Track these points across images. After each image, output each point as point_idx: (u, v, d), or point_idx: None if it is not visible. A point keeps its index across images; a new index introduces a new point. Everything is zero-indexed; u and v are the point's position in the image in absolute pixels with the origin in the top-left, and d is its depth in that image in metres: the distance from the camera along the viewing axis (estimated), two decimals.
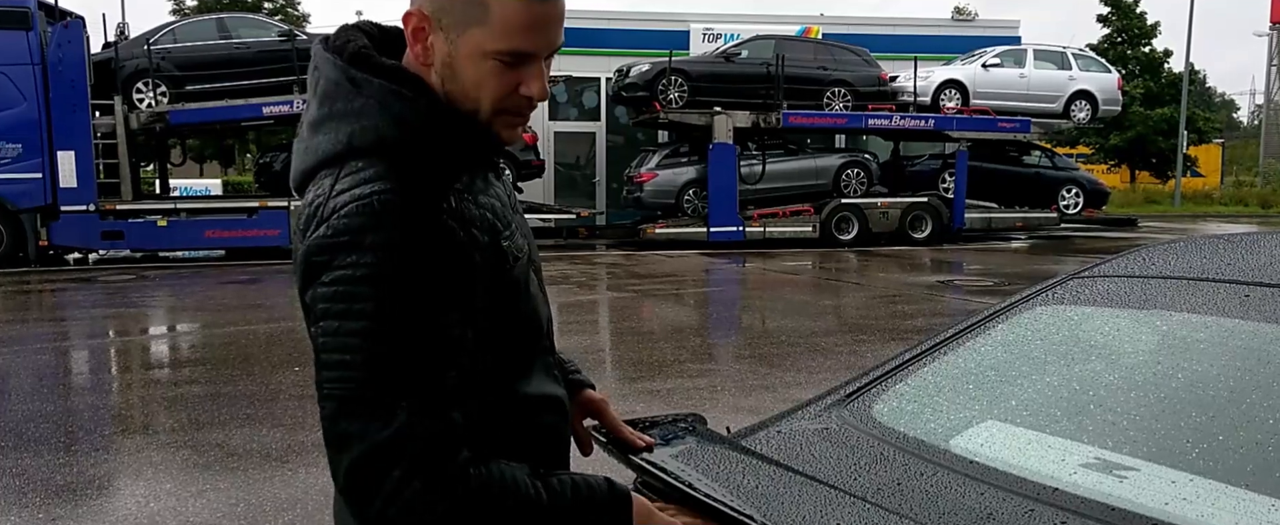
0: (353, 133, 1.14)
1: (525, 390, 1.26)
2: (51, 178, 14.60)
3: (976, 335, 2.00)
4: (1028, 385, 1.81)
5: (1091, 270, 2.11)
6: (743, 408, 5.73)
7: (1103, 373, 1.73)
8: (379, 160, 1.11)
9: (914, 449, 1.61)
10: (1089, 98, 19.19)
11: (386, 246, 1.06)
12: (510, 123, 1.20)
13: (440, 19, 1.14)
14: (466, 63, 1.14)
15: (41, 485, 4.43)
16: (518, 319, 1.24)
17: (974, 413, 1.77)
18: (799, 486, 1.45)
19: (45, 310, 10.99)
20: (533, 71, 1.16)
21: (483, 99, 1.16)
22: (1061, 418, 1.65)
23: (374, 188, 1.08)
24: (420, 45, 1.16)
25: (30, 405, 5.96)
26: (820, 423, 1.84)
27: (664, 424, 1.72)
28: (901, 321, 9.02)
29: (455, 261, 1.11)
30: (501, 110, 1.18)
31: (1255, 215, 31.39)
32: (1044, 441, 1.59)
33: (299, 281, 1.13)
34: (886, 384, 1.94)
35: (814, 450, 1.66)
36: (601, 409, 1.50)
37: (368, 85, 1.15)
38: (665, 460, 1.48)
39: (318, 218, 1.10)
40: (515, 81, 1.16)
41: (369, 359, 1.05)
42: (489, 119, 1.18)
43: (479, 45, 1.13)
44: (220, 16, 16.74)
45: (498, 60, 1.13)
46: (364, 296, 1.05)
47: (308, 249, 1.10)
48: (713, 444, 1.61)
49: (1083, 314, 1.96)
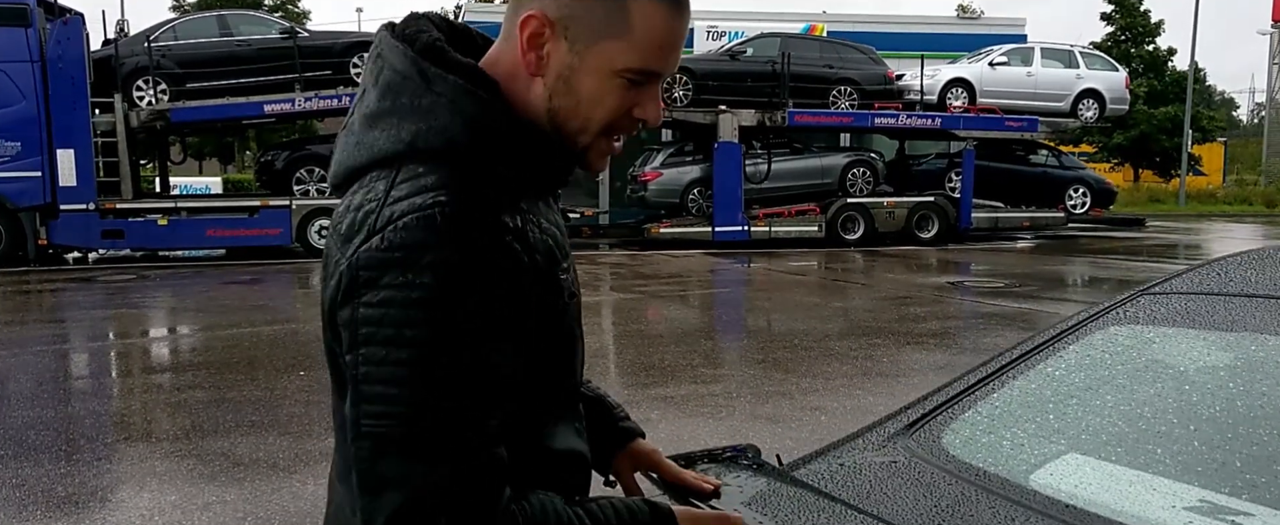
0: (418, 133, 1.02)
1: (550, 443, 1.14)
2: (51, 176, 14.48)
3: (1047, 357, 1.87)
4: (1109, 414, 1.68)
5: (1164, 286, 1.97)
6: (761, 415, 5.60)
7: (1195, 402, 1.60)
8: (442, 167, 1.00)
9: (997, 488, 1.48)
10: (1097, 96, 19.08)
11: (445, 267, 0.94)
12: (608, 148, 1.10)
13: (567, 27, 1.02)
14: (590, 77, 1.03)
15: (43, 497, 4.30)
16: (557, 362, 1.13)
17: (1053, 445, 1.64)
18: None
19: (45, 311, 10.85)
20: (650, 93, 1.06)
21: (596, 117, 1.05)
22: (1154, 453, 1.52)
23: (436, 198, 0.96)
24: (535, 53, 1.04)
25: (30, 411, 5.83)
26: (886, 454, 1.70)
27: (721, 459, 1.59)
28: (914, 324, 8.89)
29: (514, 288, 0.99)
30: (609, 131, 1.07)
31: (1260, 214, 31.29)
32: (1139, 480, 1.46)
33: (335, 293, 0.99)
34: (953, 411, 1.80)
35: (887, 489, 1.52)
36: (657, 461, 1.38)
37: (440, 81, 1.02)
38: (737, 509, 1.35)
39: (368, 227, 0.97)
40: (632, 102, 1.06)
41: (416, 395, 0.93)
42: (591, 141, 1.07)
43: (610, 59, 1.02)
44: (221, 14, 16.58)
45: (625, 78, 1.03)
46: (417, 322, 0.93)
47: (355, 262, 0.96)
48: (782, 484, 1.48)
49: (1162, 335, 1.83)
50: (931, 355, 7.43)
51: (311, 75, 15.66)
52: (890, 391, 6.22)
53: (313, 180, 15.85)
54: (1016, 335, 8.32)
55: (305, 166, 15.92)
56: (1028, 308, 9.96)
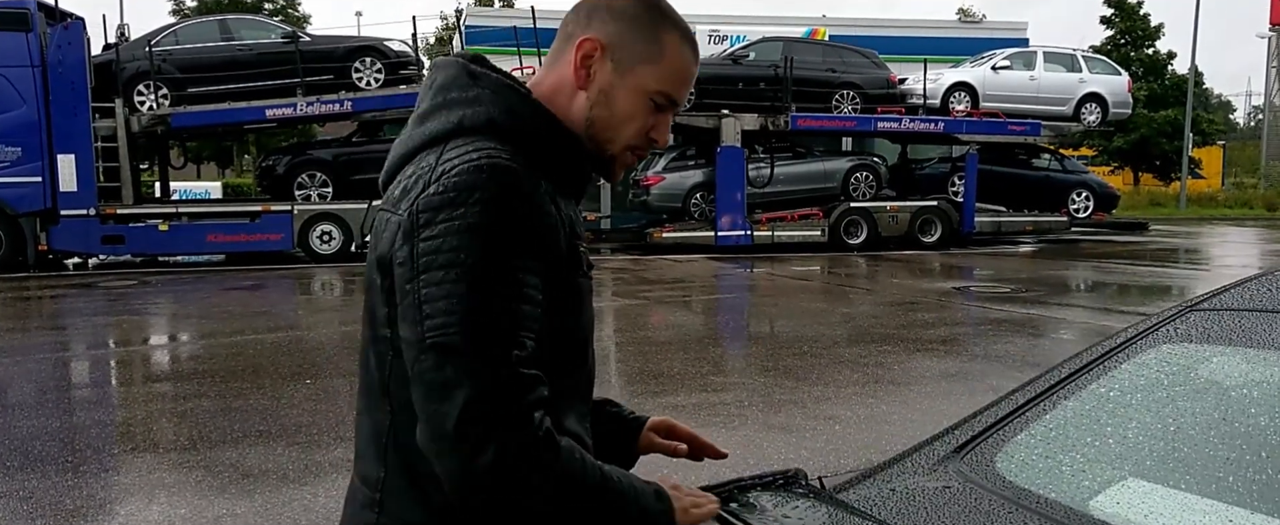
0: (464, 116, 1.20)
1: (557, 417, 1.21)
2: (51, 181, 14.42)
3: (1097, 377, 1.81)
4: (1170, 437, 1.62)
5: (1213, 302, 1.91)
6: (774, 425, 5.55)
7: (1263, 426, 1.54)
8: (487, 138, 1.17)
9: (1061, 516, 1.42)
10: (1099, 100, 19.06)
11: (493, 202, 1.10)
12: (628, 161, 1.30)
13: (615, 51, 1.24)
14: (627, 95, 1.24)
15: (51, 509, 4.24)
16: (569, 332, 1.24)
17: (1113, 469, 1.58)
18: None
19: (46, 318, 10.79)
20: (666, 119, 1.29)
21: (625, 131, 1.26)
22: (1224, 479, 1.46)
23: (483, 154, 1.14)
24: (585, 70, 1.24)
25: (34, 421, 5.77)
26: (938, 479, 1.65)
27: (774, 486, 1.54)
28: (922, 330, 8.84)
29: (548, 235, 1.15)
30: (631, 146, 1.28)
31: (1261, 218, 31.30)
32: (1210, 509, 1.40)
33: (392, 240, 1.14)
34: (1004, 433, 1.75)
35: (946, 517, 1.47)
36: (672, 424, 1.56)
37: (485, 78, 1.24)
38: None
39: (423, 181, 1.14)
40: (652, 124, 1.27)
41: (472, 307, 1.07)
42: (618, 152, 1.28)
43: (644, 82, 1.24)
44: (222, 18, 16.55)
45: (652, 100, 1.25)
46: (469, 247, 1.08)
47: (414, 208, 1.12)
48: (843, 513, 1.42)
49: (1218, 353, 1.77)
50: (942, 362, 7.38)
51: (313, 80, 15.60)
52: (903, 400, 6.17)
53: (314, 185, 15.80)
54: (1025, 342, 8.28)
55: (307, 171, 15.87)
56: (1035, 313, 9.92)
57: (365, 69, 15.70)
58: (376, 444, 1.22)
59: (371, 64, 15.76)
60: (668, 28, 1.25)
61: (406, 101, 15.49)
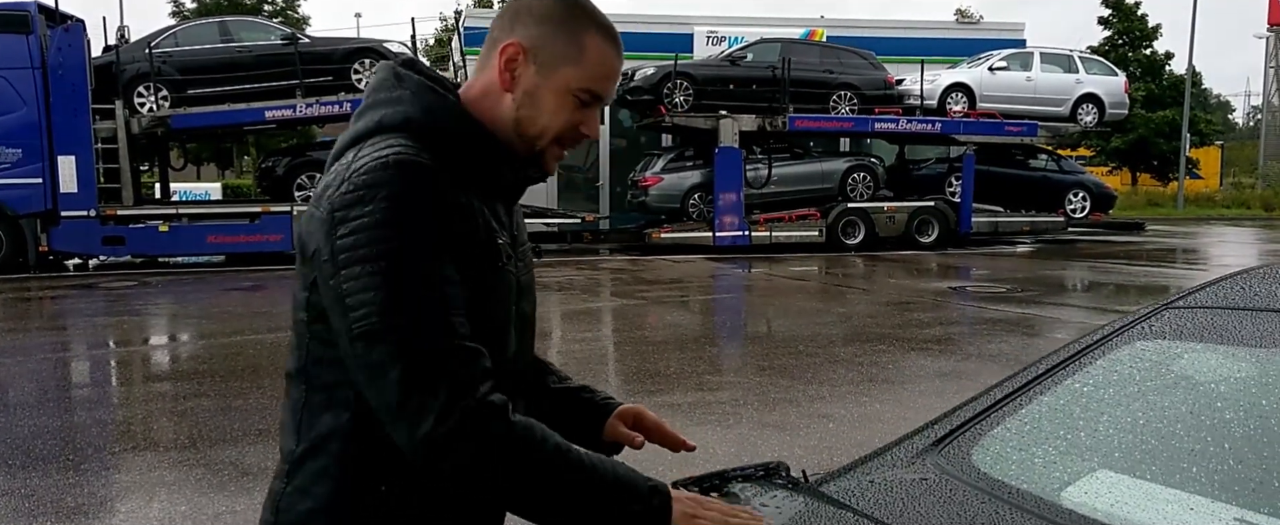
0: (384, 115, 1.27)
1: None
2: (52, 183, 14.46)
3: (1072, 373, 1.86)
4: (1140, 431, 1.67)
5: (1186, 300, 1.97)
6: (768, 423, 5.60)
7: (1228, 419, 1.60)
8: (401, 136, 1.24)
9: (1032, 506, 1.48)
10: (1096, 101, 19.11)
11: (399, 197, 1.16)
12: (558, 155, 1.35)
13: (537, 53, 1.29)
14: (551, 95, 1.29)
15: (52, 507, 4.29)
16: (487, 320, 1.26)
17: (1084, 461, 1.63)
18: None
19: (47, 318, 10.84)
20: (593, 114, 1.34)
21: (552, 127, 1.30)
22: (1188, 470, 1.52)
23: (392, 151, 1.20)
24: (509, 73, 1.29)
25: (35, 420, 5.82)
26: (916, 471, 1.70)
27: (755, 478, 1.59)
28: (917, 330, 8.89)
29: (454, 225, 1.21)
30: (559, 140, 1.33)
31: (1258, 218, 31.34)
32: (1174, 498, 1.46)
33: (315, 242, 1.20)
34: (981, 427, 1.80)
35: (921, 507, 1.52)
36: (639, 412, 1.55)
37: (408, 80, 1.30)
38: None
39: (340, 179, 1.20)
40: (580, 120, 1.32)
41: (390, 293, 1.14)
42: (546, 146, 1.32)
43: (567, 82, 1.29)
44: (222, 20, 16.59)
45: (577, 97, 1.30)
46: (380, 238, 1.15)
47: (330, 206, 1.18)
48: (819, 503, 1.48)
49: (1189, 349, 1.82)
50: (936, 362, 7.43)
51: (313, 81, 15.65)
52: (897, 399, 6.23)
53: (313, 186, 15.82)
54: (1020, 341, 8.33)
55: (306, 172, 15.91)
56: (1031, 313, 9.97)
57: (364, 70, 15.74)
58: (294, 419, 1.29)
59: (371, 65, 15.80)
60: (588, 27, 1.29)
61: None
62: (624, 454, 1.49)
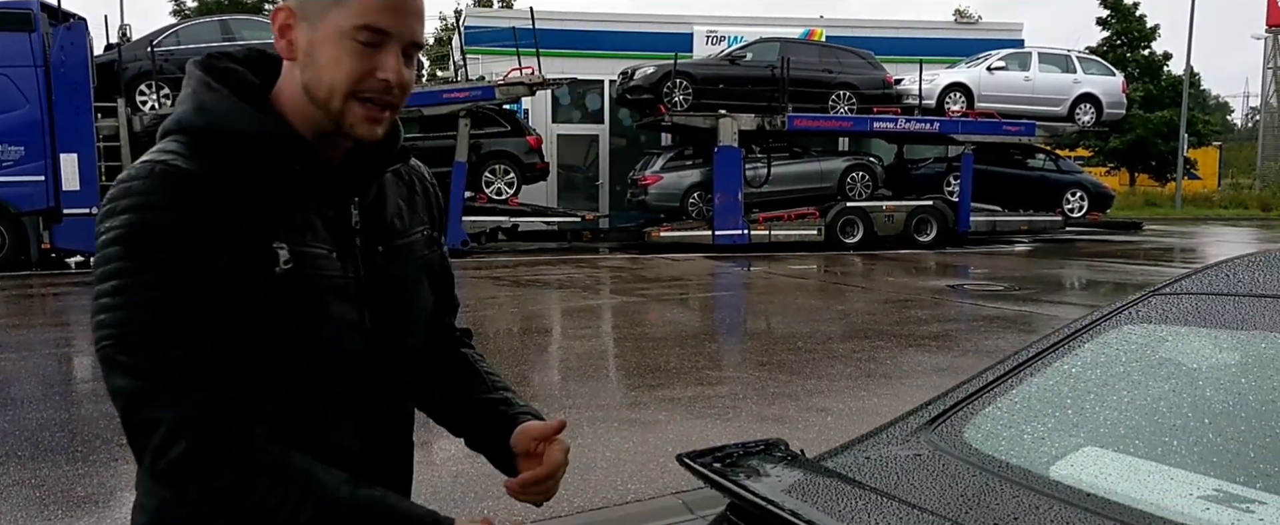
0: (169, 117, 1.22)
1: (310, 432, 1.23)
2: (54, 180, 14.52)
3: (1062, 356, 1.94)
4: (1125, 409, 1.75)
5: (1174, 287, 2.04)
6: (767, 416, 5.67)
7: (1208, 397, 1.67)
8: (173, 140, 1.19)
9: (1020, 478, 1.55)
10: (1094, 101, 19.20)
11: (133, 209, 1.11)
12: (370, 114, 1.20)
13: (304, 9, 1.19)
14: (326, 45, 1.17)
15: (62, 497, 4.36)
16: (282, 332, 1.20)
17: (1072, 438, 1.70)
18: (917, 519, 1.38)
19: (51, 315, 10.90)
20: (388, 53, 1.19)
21: (338, 81, 1.18)
22: (1170, 445, 1.59)
23: (155, 155, 1.16)
24: (285, 40, 1.21)
25: (42, 413, 5.89)
26: (909, 448, 1.77)
27: (756, 452, 1.66)
28: (915, 327, 8.96)
29: (206, 236, 1.13)
30: (357, 93, 1.19)
31: (1256, 218, 31.44)
32: (1156, 470, 1.52)
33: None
34: (973, 407, 1.87)
35: (914, 479, 1.59)
36: (548, 438, 1.41)
37: (192, 78, 1.23)
38: (771, 493, 1.42)
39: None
40: (373, 65, 1.18)
41: (119, 318, 1.10)
42: (342, 104, 1.19)
43: (338, 25, 1.17)
44: (224, 19, 16.65)
45: (355, 40, 1.17)
46: (115, 257, 1.10)
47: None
48: (815, 474, 1.55)
49: (1174, 333, 1.90)
50: (934, 357, 7.51)
51: None
52: (895, 393, 6.30)
53: None
54: (1017, 337, 8.40)
55: None
56: (1028, 310, 10.05)
57: None
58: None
59: None
60: None
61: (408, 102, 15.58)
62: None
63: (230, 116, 1.19)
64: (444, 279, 1.49)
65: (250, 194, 1.17)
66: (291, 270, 1.18)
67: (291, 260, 1.18)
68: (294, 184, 1.22)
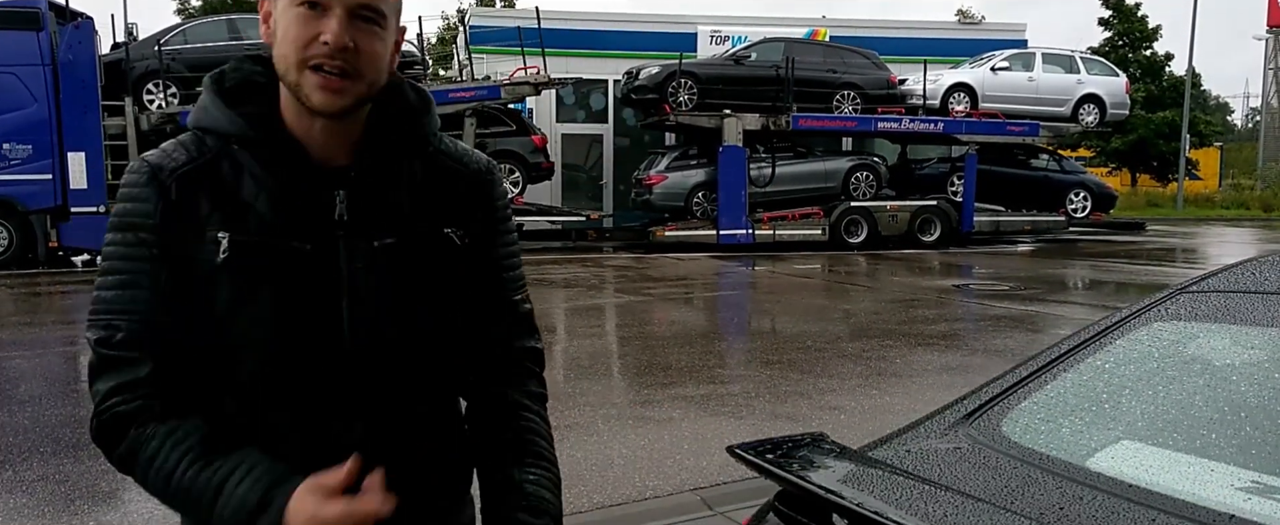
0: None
1: (300, 420, 1.26)
2: (62, 179, 14.55)
3: (1094, 352, 1.98)
4: (1160, 403, 1.79)
5: (1202, 285, 2.09)
6: (780, 414, 5.72)
7: (1242, 392, 1.72)
8: (177, 138, 1.29)
9: (1061, 470, 1.59)
10: (1097, 101, 19.25)
11: (118, 199, 1.25)
12: (323, 81, 1.19)
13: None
14: (281, 20, 1.21)
15: (87, 492, 4.40)
16: (226, 315, 1.22)
17: (1108, 432, 1.75)
18: (970, 507, 1.43)
19: (64, 313, 10.93)
20: (330, 17, 1.19)
21: (290, 50, 1.19)
22: (1208, 438, 1.63)
23: (152, 151, 1.28)
24: (267, 27, 1.24)
25: (62, 409, 5.94)
26: (949, 441, 1.82)
27: (803, 444, 1.71)
28: (923, 326, 9.01)
29: (158, 223, 1.21)
30: (306, 61, 1.19)
31: (1258, 218, 31.49)
32: (1194, 463, 1.57)
33: None
34: (1009, 402, 1.92)
35: (958, 471, 1.64)
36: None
37: (203, 92, 1.31)
38: (828, 483, 1.47)
39: None
40: (316, 30, 1.18)
41: (94, 298, 1.23)
42: (298, 76, 1.20)
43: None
44: (231, 18, 16.68)
45: (297, 7, 1.19)
46: (104, 242, 1.25)
47: None
48: (866, 466, 1.59)
49: (1204, 330, 1.94)
50: (943, 357, 7.55)
51: None
52: (906, 391, 6.35)
53: None
54: (1025, 337, 8.45)
55: None
56: (1034, 310, 10.09)
57: None
58: None
59: None
60: None
61: None
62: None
63: (208, 114, 1.26)
64: (481, 284, 1.38)
65: (210, 185, 1.22)
66: (228, 259, 1.21)
67: (229, 250, 1.21)
68: (264, 175, 1.23)
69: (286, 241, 1.22)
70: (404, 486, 1.22)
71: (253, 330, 1.22)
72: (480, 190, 1.38)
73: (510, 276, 1.42)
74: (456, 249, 1.33)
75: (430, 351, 1.33)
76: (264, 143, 1.23)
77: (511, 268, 1.43)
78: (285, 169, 1.24)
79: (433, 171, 1.34)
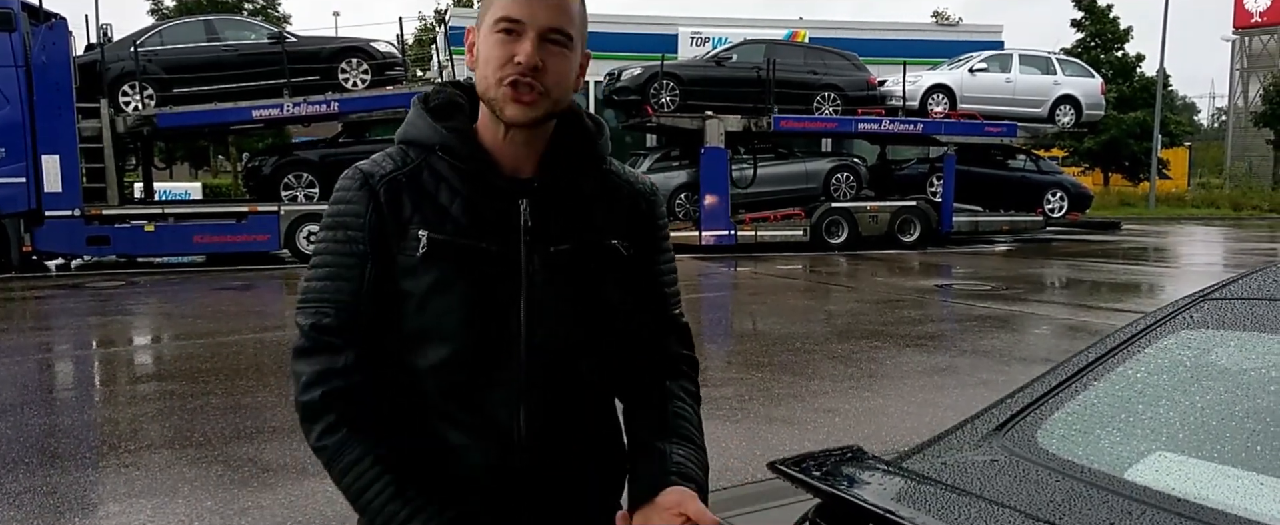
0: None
1: (429, 426, 1.37)
2: (35, 182, 14.34)
3: (1122, 361, 1.97)
4: (1196, 413, 1.79)
5: (1224, 292, 2.09)
6: (776, 418, 5.71)
7: (1274, 401, 1.72)
8: (387, 150, 1.42)
9: (1104, 483, 1.58)
10: (1073, 102, 19.44)
11: (331, 201, 1.38)
12: (513, 96, 1.32)
13: (478, 23, 1.38)
14: (483, 42, 1.35)
15: (77, 504, 4.32)
16: (418, 311, 1.35)
17: (1144, 443, 1.74)
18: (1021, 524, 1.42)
19: (40, 319, 10.76)
20: (524, 40, 1.31)
21: (490, 72, 1.33)
22: (1253, 449, 1.63)
23: (365, 159, 1.41)
24: (471, 56, 1.39)
25: (44, 419, 5.83)
26: (984, 453, 1.80)
27: (845, 459, 1.69)
28: (911, 327, 9.05)
29: (367, 222, 1.34)
30: (502, 78, 1.32)
31: (1228, 217, 31.93)
32: (1238, 475, 1.57)
33: None
34: (1039, 412, 1.91)
35: (1000, 485, 1.63)
36: (682, 504, 1.34)
37: (411, 108, 1.46)
38: (877, 499, 1.45)
39: None
40: (511, 51, 1.31)
41: (303, 288, 1.37)
42: (494, 92, 1.33)
43: (487, 24, 1.34)
44: (208, 19, 16.50)
45: (496, 31, 1.32)
46: (317, 239, 1.40)
47: None
48: (917, 483, 1.58)
49: (1233, 338, 1.94)
50: (932, 358, 7.58)
51: (299, 81, 15.61)
52: (898, 393, 6.36)
53: (301, 185, 15.79)
54: (1010, 337, 8.51)
55: (293, 172, 15.87)
56: (1017, 310, 10.17)
57: (351, 70, 15.74)
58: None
59: (357, 65, 15.81)
60: None
61: (393, 102, 15.52)
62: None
63: (415, 127, 1.41)
64: (641, 294, 1.48)
65: (413, 190, 1.36)
66: (427, 254, 1.33)
67: (428, 246, 1.33)
68: (463, 183, 1.37)
69: (476, 242, 1.35)
70: (562, 480, 1.40)
71: (444, 319, 1.34)
72: (644, 208, 1.50)
73: (669, 291, 1.55)
74: (622, 259, 1.45)
75: (595, 349, 1.44)
76: (462, 151, 1.37)
77: (670, 283, 1.56)
78: (478, 178, 1.37)
79: (604, 188, 1.46)
